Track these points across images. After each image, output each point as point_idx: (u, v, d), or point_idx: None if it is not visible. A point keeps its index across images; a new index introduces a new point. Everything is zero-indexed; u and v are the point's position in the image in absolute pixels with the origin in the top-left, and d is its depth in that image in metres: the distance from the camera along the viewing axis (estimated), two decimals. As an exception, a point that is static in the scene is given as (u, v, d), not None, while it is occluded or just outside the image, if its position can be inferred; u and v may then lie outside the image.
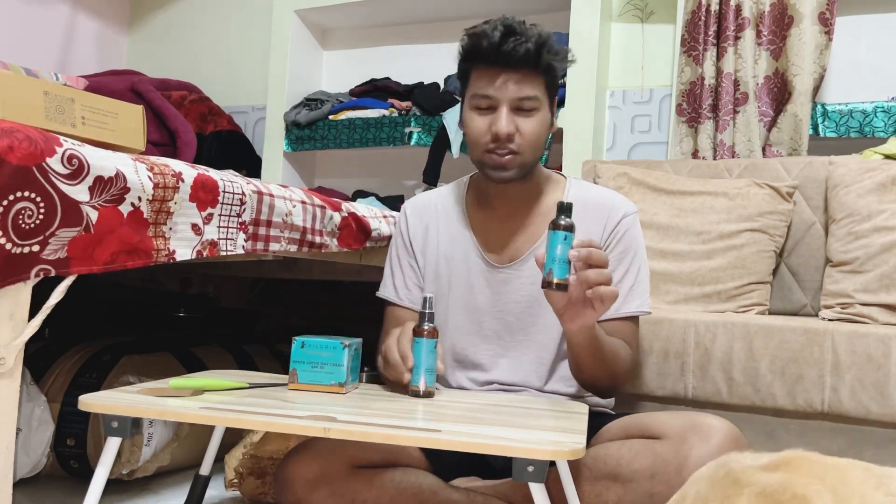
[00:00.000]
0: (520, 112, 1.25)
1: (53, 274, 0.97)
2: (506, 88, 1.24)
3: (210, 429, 1.36)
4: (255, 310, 2.63)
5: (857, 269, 1.74)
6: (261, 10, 3.14)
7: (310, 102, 2.92)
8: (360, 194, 2.84)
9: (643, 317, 1.38)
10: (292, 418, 0.95)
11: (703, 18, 2.27)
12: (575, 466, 1.11)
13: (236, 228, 1.25)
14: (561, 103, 2.41)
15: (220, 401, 1.04)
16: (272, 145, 2.95)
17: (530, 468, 0.87)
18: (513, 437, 0.91)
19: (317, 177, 3.14)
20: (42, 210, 0.94)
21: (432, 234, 1.41)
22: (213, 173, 1.21)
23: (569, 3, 2.48)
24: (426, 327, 1.16)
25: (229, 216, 1.23)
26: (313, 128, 2.88)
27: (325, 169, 3.14)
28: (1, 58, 2.57)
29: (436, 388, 1.19)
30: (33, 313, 0.97)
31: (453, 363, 1.36)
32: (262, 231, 1.32)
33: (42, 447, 1.47)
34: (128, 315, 2.28)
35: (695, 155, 2.27)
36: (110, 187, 1.02)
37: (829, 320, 1.71)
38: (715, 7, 2.26)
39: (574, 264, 1.06)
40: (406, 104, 2.76)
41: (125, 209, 1.04)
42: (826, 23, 2.16)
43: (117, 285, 2.20)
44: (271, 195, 1.33)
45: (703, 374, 1.53)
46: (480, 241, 1.37)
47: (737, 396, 1.50)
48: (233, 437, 1.57)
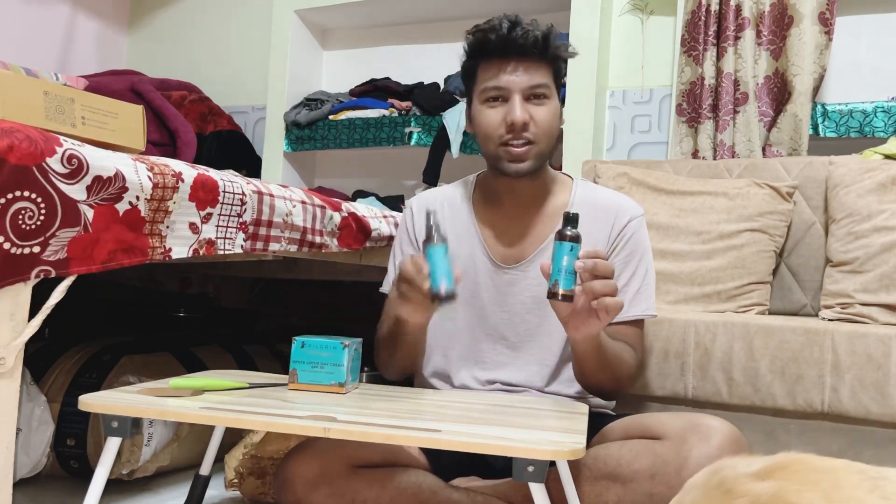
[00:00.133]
0: (532, 100, 1.26)
1: (54, 275, 0.97)
2: (517, 78, 1.25)
3: (210, 429, 1.36)
4: (255, 310, 2.63)
5: (857, 269, 1.74)
6: (261, 10, 3.14)
7: (310, 102, 2.92)
8: (360, 194, 2.84)
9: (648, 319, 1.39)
10: (292, 418, 0.95)
11: (703, 18, 2.27)
12: (575, 466, 1.11)
13: (236, 228, 1.25)
14: (561, 103, 2.41)
15: (220, 401, 1.04)
16: (272, 145, 2.95)
17: (530, 468, 0.87)
18: (513, 437, 0.91)
19: (317, 177, 3.14)
20: (43, 211, 0.94)
21: None
22: (214, 173, 1.21)
23: (569, 3, 2.48)
24: (436, 235, 1.13)
25: (229, 216, 1.23)
26: (313, 128, 2.88)
27: (325, 169, 3.13)
28: (1, 58, 2.57)
29: (457, 290, 1.13)
30: (33, 313, 0.97)
31: (457, 360, 1.36)
32: (262, 231, 1.32)
33: (42, 447, 1.47)
34: (128, 315, 2.28)
35: (695, 155, 2.27)
36: (108, 186, 1.02)
37: (829, 320, 1.71)
38: (715, 7, 2.26)
39: (580, 275, 1.07)
40: (406, 104, 2.76)
41: (122, 207, 1.04)
42: (826, 23, 2.16)
43: (117, 285, 2.20)
44: (271, 195, 1.33)
45: (703, 374, 1.53)
46: (487, 240, 1.36)
47: (737, 396, 1.50)
48: (233, 437, 1.57)
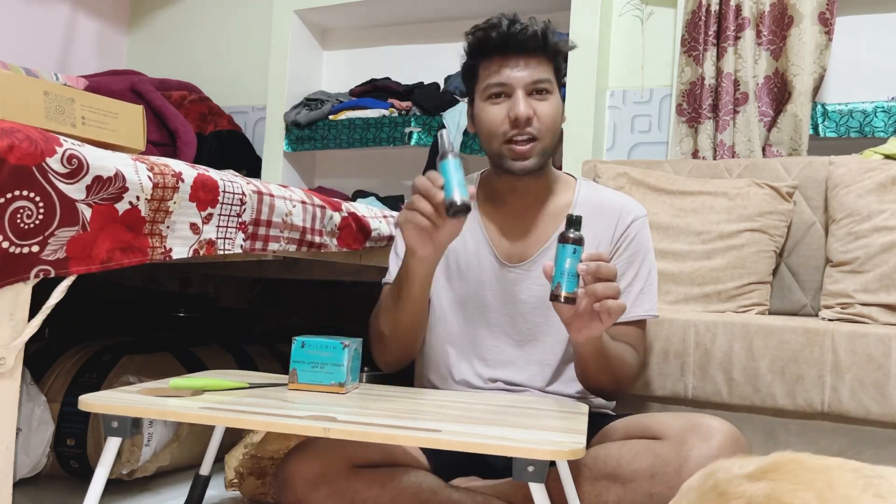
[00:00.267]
0: (534, 96, 1.26)
1: (53, 275, 0.97)
2: (519, 73, 1.25)
3: (210, 429, 1.36)
4: (255, 310, 2.63)
5: (857, 269, 1.74)
6: (261, 10, 3.14)
7: (310, 102, 2.92)
8: (360, 194, 2.84)
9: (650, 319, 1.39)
10: (292, 418, 0.95)
11: (703, 18, 2.27)
12: (575, 466, 1.11)
13: (235, 228, 1.25)
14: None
15: (220, 401, 1.04)
16: (272, 145, 2.95)
17: (530, 468, 0.87)
18: (513, 437, 0.91)
19: (317, 177, 3.14)
20: (41, 210, 0.94)
21: None
22: (214, 173, 1.21)
23: (569, 3, 2.48)
24: (450, 152, 1.12)
25: (229, 216, 1.23)
26: (313, 128, 2.88)
27: (325, 169, 3.13)
28: (1, 58, 2.57)
29: (470, 203, 1.10)
30: (33, 313, 0.97)
31: (459, 356, 1.36)
32: (261, 231, 1.32)
33: (42, 447, 1.47)
34: (128, 315, 2.28)
35: (695, 155, 2.27)
36: (108, 186, 1.02)
37: (829, 320, 1.71)
38: (715, 7, 2.26)
39: (583, 277, 1.07)
40: (406, 104, 2.76)
41: (121, 207, 1.04)
42: (826, 23, 2.16)
43: (117, 285, 2.20)
44: (271, 195, 1.33)
45: (703, 374, 1.53)
46: (493, 238, 1.37)
47: (737, 396, 1.50)
48: (233, 437, 1.57)
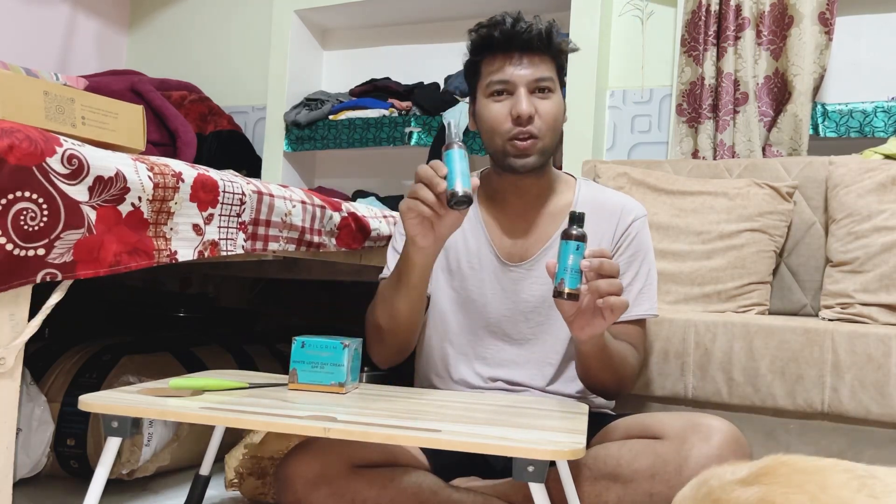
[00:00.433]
0: (537, 94, 1.27)
1: (60, 278, 0.96)
2: (522, 71, 1.26)
3: (210, 429, 1.36)
4: (255, 310, 2.63)
5: (857, 269, 1.74)
6: (261, 10, 3.14)
7: (310, 102, 2.92)
8: (360, 194, 2.84)
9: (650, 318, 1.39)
10: (292, 418, 0.95)
11: (703, 18, 2.27)
12: (575, 466, 1.11)
13: (236, 228, 1.25)
14: (561, 103, 2.42)
15: (220, 401, 1.04)
16: (272, 145, 2.95)
17: (530, 468, 0.87)
18: (513, 437, 0.91)
19: (317, 177, 3.14)
20: (45, 212, 0.93)
21: None
22: (213, 173, 1.21)
23: (569, 3, 2.48)
24: (455, 141, 1.11)
25: (229, 216, 1.23)
26: (313, 128, 2.88)
27: (325, 169, 3.13)
28: (1, 58, 2.57)
29: (472, 195, 1.09)
30: (33, 313, 0.97)
31: (459, 356, 1.36)
32: (261, 231, 1.32)
33: (42, 447, 1.47)
34: (128, 315, 2.28)
35: (695, 155, 2.27)
36: (110, 187, 1.02)
37: (829, 320, 1.71)
38: (715, 7, 2.26)
39: (585, 274, 1.07)
40: (406, 104, 2.76)
41: (124, 209, 1.04)
42: (826, 23, 2.16)
43: (117, 285, 2.20)
44: (271, 195, 1.33)
45: (703, 374, 1.53)
46: (494, 237, 1.37)
47: (737, 396, 1.50)
48: (233, 437, 1.57)
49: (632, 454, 1.12)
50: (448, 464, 1.24)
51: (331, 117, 2.86)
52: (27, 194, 0.91)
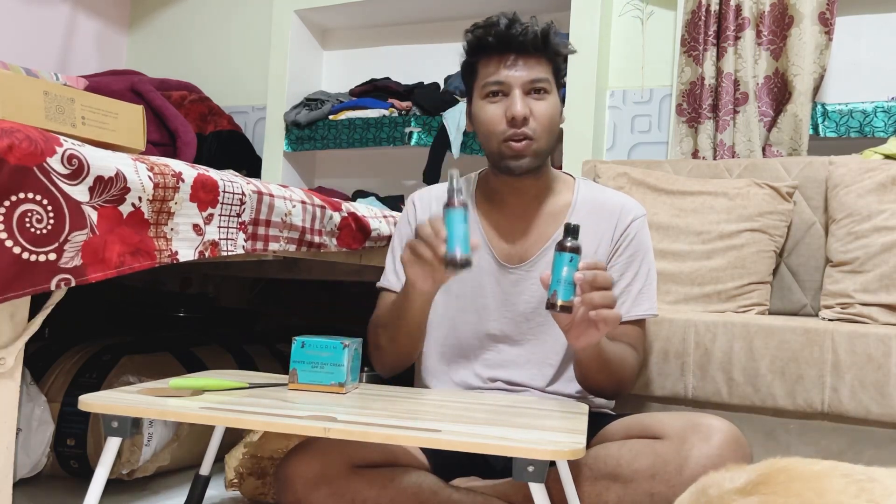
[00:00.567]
0: (532, 95, 1.26)
1: (74, 283, 0.95)
2: (517, 72, 1.25)
3: (210, 429, 1.36)
4: (255, 310, 2.63)
5: (857, 269, 1.74)
6: (261, 10, 3.14)
7: (310, 102, 2.92)
8: (360, 194, 2.84)
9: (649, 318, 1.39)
10: (292, 418, 0.95)
11: (703, 18, 2.27)
12: (575, 466, 1.11)
13: (236, 228, 1.25)
14: (561, 102, 2.41)
15: (220, 401, 1.04)
16: (272, 145, 2.95)
17: (530, 468, 0.87)
18: (513, 437, 0.91)
19: (317, 177, 3.14)
20: (51, 214, 0.93)
21: None
22: (213, 173, 1.21)
23: (569, 3, 2.48)
24: (456, 199, 1.11)
25: (229, 216, 1.23)
26: (313, 128, 2.88)
27: (325, 169, 3.13)
28: (1, 58, 2.57)
29: (473, 257, 1.10)
30: (33, 313, 0.97)
31: (459, 357, 1.36)
32: (261, 231, 1.32)
33: (42, 447, 1.47)
34: (128, 315, 2.28)
35: (695, 155, 2.27)
36: (110, 187, 1.01)
37: (829, 320, 1.71)
38: (715, 7, 2.26)
39: (580, 286, 1.07)
40: (406, 104, 2.76)
41: (125, 209, 1.04)
42: (826, 23, 2.16)
43: (117, 285, 2.19)
44: (271, 195, 1.33)
45: (703, 374, 1.53)
46: (491, 239, 1.36)
47: (737, 396, 1.50)
48: (233, 437, 1.56)
49: (632, 454, 1.12)
50: (448, 464, 1.24)
51: (331, 117, 2.86)
52: (30, 195, 0.91)
